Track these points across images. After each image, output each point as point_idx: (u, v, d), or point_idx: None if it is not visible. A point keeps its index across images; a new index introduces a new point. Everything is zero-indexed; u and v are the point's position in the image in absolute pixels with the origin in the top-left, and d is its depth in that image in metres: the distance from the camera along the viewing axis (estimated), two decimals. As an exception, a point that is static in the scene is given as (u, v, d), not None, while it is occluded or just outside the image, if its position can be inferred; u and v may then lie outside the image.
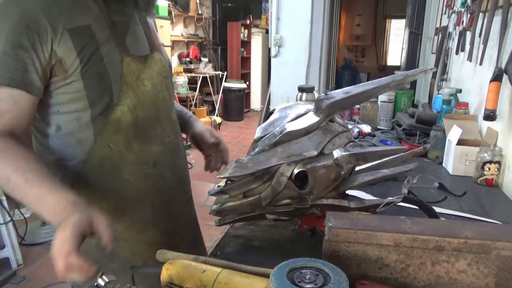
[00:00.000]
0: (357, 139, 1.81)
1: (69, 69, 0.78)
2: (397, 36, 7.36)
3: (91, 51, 0.79)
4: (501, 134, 1.31)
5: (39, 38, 0.74)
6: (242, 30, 7.39)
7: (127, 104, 0.85)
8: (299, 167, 0.72)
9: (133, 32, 0.88)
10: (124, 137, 0.86)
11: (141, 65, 0.87)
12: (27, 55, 0.73)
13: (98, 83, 0.81)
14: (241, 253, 0.84)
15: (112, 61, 0.81)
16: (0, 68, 0.72)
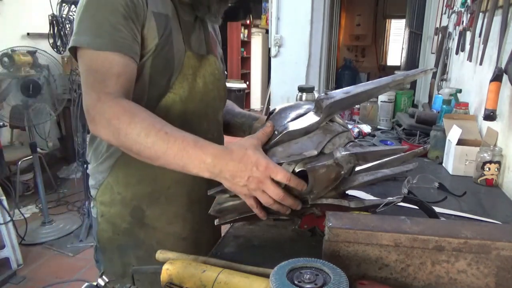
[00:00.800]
0: (357, 139, 1.81)
1: (147, 46, 0.83)
2: (397, 36, 7.36)
3: (167, 36, 0.85)
4: (501, 134, 1.31)
5: (137, 14, 0.81)
6: (242, 30, 7.39)
7: (179, 94, 0.90)
8: (299, 166, 0.72)
9: (196, 33, 0.96)
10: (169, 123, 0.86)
11: (198, 62, 0.94)
12: (134, 26, 0.80)
13: (164, 67, 0.86)
14: (241, 253, 0.84)
15: (179, 50, 0.88)
16: (115, 36, 0.77)
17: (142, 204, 0.94)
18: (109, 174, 0.93)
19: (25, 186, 3.64)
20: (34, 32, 3.82)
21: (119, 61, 0.78)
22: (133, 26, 0.80)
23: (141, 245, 0.95)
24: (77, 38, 0.78)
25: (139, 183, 0.93)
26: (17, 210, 2.86)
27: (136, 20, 0.80)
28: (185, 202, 0.96)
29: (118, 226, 0.95)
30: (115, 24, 0.78)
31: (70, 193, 3.71)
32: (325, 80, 4.10)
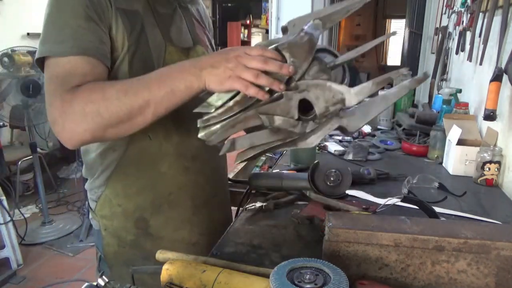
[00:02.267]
0: (357, 139, 1.81)
1: (118, 47, 0.78)
2: (397, 36, 7.36)
3: (138, 34, 0.80)
4: (501, 134, 1.31)
5: (102, 13, 0.76)
6: (242, 30, 7.39)
7: None
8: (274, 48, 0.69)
9: (177, 25, 0.89)
10: (163, 127, 0.86)
11: (184, 56, 0.87)
12: (98, 27, 0.75)
13: (142, 66, 0.80)
14: (241, 253, 0.84)
15: (157, 47, 0.82)
16: (78, 39, 0.73)
17: (145, 213, 0.91)
18: (106, 187, 0.90)
19: (25, 186, 3.64)
20: (34, 32, 3.83)
21: (83, 63, 0.73)
22: (97, 27, 0.75)
23: (149, 257, 0.89)
24: (40, 48, 0.74)
25: (138, 192, 0.90)
26: (17, 210, 2.86)
27: (100, 21, 0.76)
28: (189, 206, 0.92)
29: (123, 239, 0.91)
30: (76, 28, 0.73)
31: (70, 193, 3.71)
32: (325, 80, 4.11)
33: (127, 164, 0.86)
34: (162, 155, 0.87)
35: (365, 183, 1.24)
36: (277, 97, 0.68)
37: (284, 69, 0.65)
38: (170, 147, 0.88)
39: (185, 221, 0.95)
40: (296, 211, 0.96)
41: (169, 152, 0.88)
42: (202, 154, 0.93)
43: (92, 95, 0.69)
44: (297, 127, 0.70)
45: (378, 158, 1.54)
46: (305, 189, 1.10)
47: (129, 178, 0.88)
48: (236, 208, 1.18)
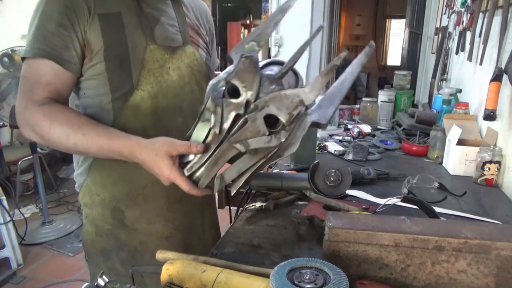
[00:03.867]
0: (357, 139, 1.81)
1: (94, 49, 0.83)
2: (397, 36, 7.36)
3: (116, 35, 0.84)
4: (501, 134, 1.31)
5: (77, 19, 0.80)
6: (242, 30, 7.38)
7: (147, 90, 0.87)
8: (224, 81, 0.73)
9: (164, 24, 0.91)
10: (141, 124, 0.88)
11: (168, 55, 0.90)
12: (67, 33, 0.80)
13: (119, 66, 0.84)
14: (241, 253, 0.84)
15: (136, 47, 0.85)
16: (42, 42, 0.79)
17: (121, 204, 0.93)
18: (87, 176, 0.93)
19: (25, 186, 3.64)
20: (34, 32, 3.82)
21: (48, 70, 0.81)
22: (65, 33, 0.80)
23: (123, 247, 0.94)
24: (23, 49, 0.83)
25: (115, 183, 0.92)
26: (17, 210, 2.86)
27: (72, 27, 0.80)
28: (164, 202, 0.93)
29: (100, 228, 0.95)
30: (45, 32, 0.79)
31: (70, 193, 3.71)
32: (325, 80, 4.10)
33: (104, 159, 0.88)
34: None
35: (365, 183, 1.24)
36: (243, 123, 0.71)
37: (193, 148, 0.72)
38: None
39: (160, 215, 0.97)
40: (296, 211, 0.96)
41: None
42: None
43: (42, 122, 0.79)
44: (272, 141, 0.72)
45: (378, 158, 1.54)
46: (305, 189, 1.10)
47: (106, 169, 0.91)
48: (236, 208, 1.18)
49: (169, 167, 0.73)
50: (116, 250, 0.95)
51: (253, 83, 0.70)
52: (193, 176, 0.75)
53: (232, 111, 0.70)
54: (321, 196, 1.05)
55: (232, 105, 0.70)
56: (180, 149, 0.73)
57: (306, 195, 1.10)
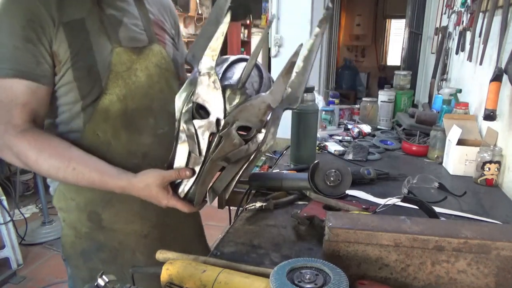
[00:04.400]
0: (357, 139, 1.81)
1: (62, 60, 0.81)
2: (397, 36, 7.36)
3: (81, 43, 0.81)
4: (501, 134, 1.31)
5: (42, 31, 0.77)
6: (242, 30, 7.38)
7: (116, 94, 0.86)
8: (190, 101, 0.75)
9: (128, 25, 0.89)
10: (112, 126, 0.87)
11: (135, 56, 0.88)
12: (35, 48, 0.77)
13: (87, 74, 0.83)
14: (241, 253, 0.84)
15: (101, 52, 0.83)
16: (14, 62, 0.76)
17: (97, 208, 0.93)
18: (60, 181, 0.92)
19: (25, 186, 3.64)
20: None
21: (23, 89, 0.78)
22: (33, 48, 0.77)
23: (103, 248, 0.95)
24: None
25: (88, 188, 0.89)
26: (17, 210, 2.86)
27: (38, 39, 0.77)
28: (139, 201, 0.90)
29: (79, 231, 0.95)
30: (13, 49, 0.76)
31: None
32: (325, 80, 4.10)
33: None
34: (111, 153, 0.88)
35: (365, 183, 1.24)
36: (218, 141, 0.73)
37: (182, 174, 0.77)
38: (119, 145, 0.89)
39: (136, 215, 0.96)
40: (296, 211, 0.96)
41: (118, 151, 0.89)
42: (154, 151, 0.93)
43: (28, 152, 0.78)
44: (251, 147, 0.76)
45: (378, 158, 1.54)
46: (305, 189, 1.10)
47: None
48: (236, 208, 1.18)
49: (165, 197, 0.79)
50: (95, 251, 0.95)
51: (217, 101, 0.71)
52: (187, 195, 0.81)
53: (205, 131, 0.73)
54: (321, 196, 1.06)
55: (204, 125, 0.72)
56: (170, 178, 0.78)
57: (306, 195, 1.10)
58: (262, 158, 1.84)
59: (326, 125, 1.96)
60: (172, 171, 0.78)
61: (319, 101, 1.84)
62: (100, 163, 0.82)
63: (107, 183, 0.80)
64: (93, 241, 0.95)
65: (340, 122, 2.12)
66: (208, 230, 1.31)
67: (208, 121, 0.72)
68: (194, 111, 0.74)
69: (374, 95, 2.29)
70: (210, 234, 1.84)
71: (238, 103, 0.71)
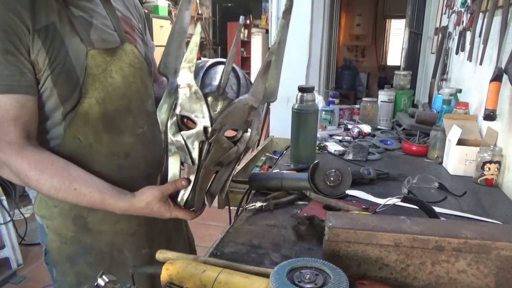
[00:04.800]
0: (357, 139, 1.81)
1: (41, 69, 0.79)
2: (397, 36, 7.36)
3: (58, 48, 0.79)
4: (501, 134, 1.31)
5: (19, 40, 0.75)
6: (242, 30, 7.39)
7: (94, 97, 0.85)
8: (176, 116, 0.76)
9: (98, 26, 0.87)
10: (93, 129, 0.86)
11: (109, 57, 0.87)
12: (16, 59, 0.75)
13: (66, 79, 0.81)
14: (241, 253, 0.84)
15: (78, 56, 0.82)
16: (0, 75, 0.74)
17: (82, 212, 0.92)
18: None
19: (25, 186, 3.63)
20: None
21: (10, 103, 0.75)
22: (13, 59, 0.74)
23: (90, 251, 0.94)
24: None
25: None
26: (17, 210, 2.86)
27: (17, 50, 0.75)
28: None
29: (64, 236, 0.94)
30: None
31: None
32: (325, 80, 4.10)
33: None
34: (93, 156, 0.88)
35: (365, 183, 1.24)
36: (208, 148, 0.75)
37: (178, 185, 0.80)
38: (100, 147, 0.88)
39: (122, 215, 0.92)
40: (296, 211, 0.96)
41: (101, 153, 0.88)
42: (135, 150, 0.93)
43: (29, 172, 0.77)
44: (240, 148, 0.79)
45: (378, 158, 1.54)
46: (305, 189, 1.10)
47: None
48: (236, 208, 1.19)
49: (167, 210, 0.82)
50: (82, 254, 0.94)
51: (202, 110, 0.72)
52: (187, 203, 0.83)
53: (194, 141, 0.74)
54: (321, 196, 1.06)
55: (192, 135, 0.74)
56: (168, 192, 0.80)
57: (306, 195, 1.10)
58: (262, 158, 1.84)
59: (326, 125, 1.96)
60: (169, 184, 0.80)
61: (319, 101, 1.84)
62: (100, 184, 0.82)
63: (108, 204, 0.81)
64: (79, 244, 0.94)
65: (340, 122, 2.12)
66: (208, 230, 1.31)
67: (196, 131, 0.73)
68: (179, 123, 0.75)
69: (374, 95, 2.29)
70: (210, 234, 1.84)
71: (222, 108, 0.73)
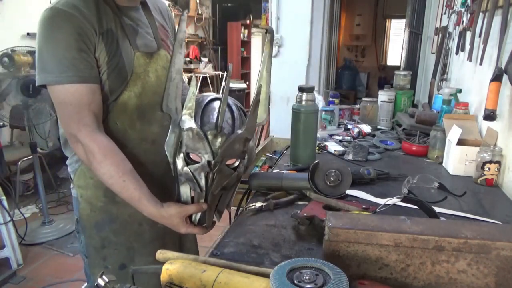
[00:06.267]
0: (357, 139, 1.81)
1: (101, 64, 0.96)
2: (397, 36, 7.36)
3: (115, 49, 0.97)
4: (501, 134, 1.31)
5: (90, 42, 0.93)
6: (242, 30, 7.38)
7: (134, 91, 1.02)
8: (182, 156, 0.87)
9: (142, 34, 1.05)
10: (129, 117, 1.03)
11: (148, 60, 1.04)
12: (87, 55, 0.93)
13: (118, 75, 0.99)
14: (241, 253, 0.84)
15: (128, 56, 1.00)
16: (76, 69, 0.91)
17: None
18: (82, 162, 1.05)
19: (25, 186, 3.64)
20: (34, 32, 3.81)
21: (85, 91, 0.93)
22: (86, 56, 0.93)
23: (115, 220, 1.09)
24: (44, 76, 0.92)
25: None
26: (17, 210, 2.86)
27: (88, 48, 0.93)
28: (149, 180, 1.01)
29: (94, 205, 1.09)
30: (72, 59, 0.91)
31: (70, 193, 3.69)
32: (325, 80, 4.11)
33: None
34: (127, 139, 1.04)
35: (365, 183, 1.24)
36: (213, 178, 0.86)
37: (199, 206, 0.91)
38: (134, 133, 1.05)
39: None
40: (296, 211, 0.97)
41: (133, 137, 1.05)
42: (160, 139, 1.05)
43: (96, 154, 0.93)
44: (240, 171, 0.90)
45: (378, 158, 1.54)
46: (305, 189, 1.10)
47: None
48: (236, 208, 1.19)
49: (184, 227, 0.93)
50: (108, 223, 1.09)
51: (204, 147, 0.84)
52: (200, 221, 0.94)
53: (201, 172, 0.86)
54: (321, 196, 1.06)
55: (198, 168, 0.86)
56: (189, 212, 0.91)
57: (306, 195, 1.10)
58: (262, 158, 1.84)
59: (326, 125, 1.96)
60: (193, 206, 0.91)
61: (319, 101, 1.84)
62: (144, 186, 0.95)
63: (142, 204, 0.94)
64: (106, 213, 1.09)
65: (340, 122, 2.12)
66: (208, 230, 1.31)
67: (201, 164, 0.85)
68: (186, 158, 0.87)
69: (374, 95, 2.29)
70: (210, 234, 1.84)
71: (221, 144, 0.84)
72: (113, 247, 1.09)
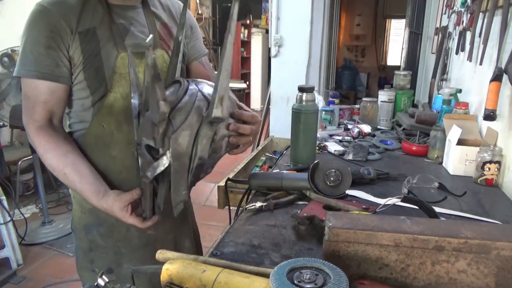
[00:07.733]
0: (357, 139, 1.81)
1: (76, 63, 0.96)
2: (397, 36, 7.36)
3: (92, 49, 0.96)
4: (501, 134, 1.31)
5: (62, 40, 0.94)
6: (242, 30, 7.38)
7: (119, 92, 1.00)
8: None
9: (135, 33, 1.02)
10: (115, 119, 1.01)
11: (138, 60, 1.01)
12: (55, 53, 0.93)
13: (95, 75, 0.98)
14: (241, 253, 0.84)
15: (108, 57, 0.98)
16: (37, 65, 0.93)
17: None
18: None
19: (25, 186, 3.64)
20: (34, 32, 3.82)
21: (43, 88, 0.95)
22: (54, 53, 0.94)
23: (102, 223, 1.09)
24: (16, 68, 0.96)
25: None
26: (17, 210, 2.87)
27: (58, 47, 0.94)
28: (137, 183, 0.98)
29: (84, 207, 1.09)
30: (38, 55, 0.93)
31: (69, 193, 3.70)
32: (325, 80, 4.10)
33: (85, 149, 1.04)
34: (114, 142, 1.03)
35: (365, 183, 1.24)
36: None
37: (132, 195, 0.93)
38: (120, 135, 1.03)
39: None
40: (296, 211, 0.96)
41: (120, 140, 1.03)
42: None
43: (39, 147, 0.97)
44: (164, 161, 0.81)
45: (378, 158, 1.54)
46: (305, 189, 1.10)
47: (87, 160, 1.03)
48: (236, 208, 1.19)
49: (124, 216, 0.93)
50: (96, 225, 1.09)
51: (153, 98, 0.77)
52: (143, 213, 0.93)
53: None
54: (321, 196, 1.06)
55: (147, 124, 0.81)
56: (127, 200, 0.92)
57: (306, 195, 1.10)
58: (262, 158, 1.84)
59: (326, 125, 1.96)
60: (128, 193, 0.93)
61: (319, 101, 1.84)
62: (87, 177, 0.96)
63: (85, 197, 0.97)
64: (95, 216, 1.08)
65: (340, 122, 2.12)
66: (208, 230, 1.31)
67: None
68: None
69: (374, 95, 2.29)
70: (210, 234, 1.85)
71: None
72: (101, 250, 1.09)
